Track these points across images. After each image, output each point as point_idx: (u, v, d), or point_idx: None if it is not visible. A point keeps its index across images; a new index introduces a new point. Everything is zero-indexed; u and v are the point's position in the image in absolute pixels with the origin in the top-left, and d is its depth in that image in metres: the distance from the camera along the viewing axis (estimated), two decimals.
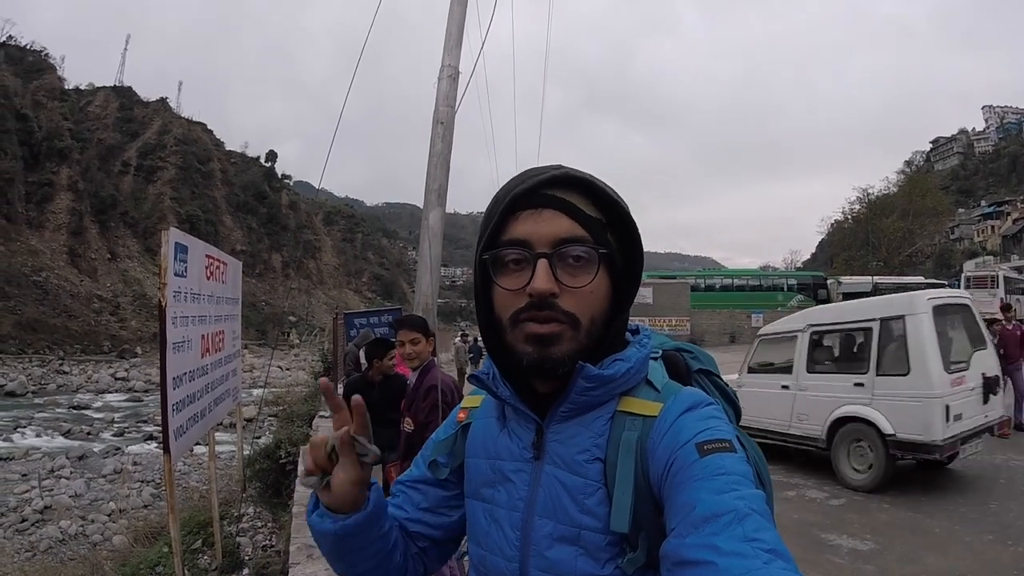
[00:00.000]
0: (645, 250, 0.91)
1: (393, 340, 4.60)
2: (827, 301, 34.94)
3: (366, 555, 0.91)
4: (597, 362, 0.85)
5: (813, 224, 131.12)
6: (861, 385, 6.32)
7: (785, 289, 36.09)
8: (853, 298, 36.35)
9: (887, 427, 5.97)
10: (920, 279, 40.42)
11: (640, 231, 0.90)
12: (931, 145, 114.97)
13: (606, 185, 0.87)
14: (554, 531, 0.84)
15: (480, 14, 4.77)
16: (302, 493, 6.12)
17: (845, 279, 40.07)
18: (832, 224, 60.23)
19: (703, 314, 31.62)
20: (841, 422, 6.45)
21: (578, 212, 0.84)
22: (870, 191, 53.40)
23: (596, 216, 0.86)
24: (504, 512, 0.90)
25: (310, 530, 0.92)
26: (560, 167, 0.87)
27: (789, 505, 5.90)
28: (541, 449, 0.88)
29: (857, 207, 53.35)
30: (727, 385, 1.04)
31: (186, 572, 4.78)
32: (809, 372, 6.95)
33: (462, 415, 1.04)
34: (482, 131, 12.27)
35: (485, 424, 0.98)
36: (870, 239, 46.62)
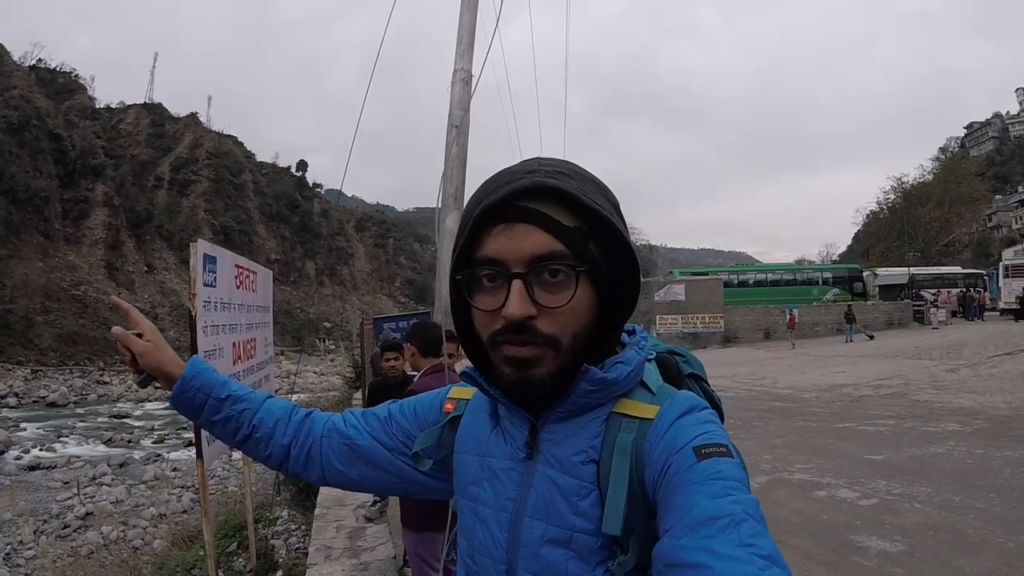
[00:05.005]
0: (678, 247, 0.88)
1: (399, 343, 4.74)
2: (863, 294, 34.35)
3: (217, 432, 1.15)
4: (596, 363, 0.83)
5: (848, 216, 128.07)
6: None
7: (820, 283, 35.39)
8: (889, 290, 35.79)
9: None
10: (958, 269, 39.42)
11: (626, 229, 0.85)
12: (965, 131, 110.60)
13: (585, 189, 0.81)
14: (546, 533, 0.82)
15: (499, 20, 4.81)
16: (324, 495, 6.39)
17: (881, 271, 39.30)
18: (867, 215, 59.36)
19: (737, 311, 30.94)
20: None
21: (554, 224, 0.79)
22: (904, 180, 52.44)
23: (575, 225, 0.80)
24: (491, 512, 0.88)
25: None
26: (534, 170, 0.81)
27: (818, 505, 5.82)
28: (535, 449, 0.86)
29: (892, 197, 52.42)
30: (714, 392, 1.01)
31: (220, 574, 4.90)
32: None
33: (450, 406, 1.02)
34: (507, 136, 12.31)
35: (476, 419, 0.96)
36: (906, 229, 45.60)
